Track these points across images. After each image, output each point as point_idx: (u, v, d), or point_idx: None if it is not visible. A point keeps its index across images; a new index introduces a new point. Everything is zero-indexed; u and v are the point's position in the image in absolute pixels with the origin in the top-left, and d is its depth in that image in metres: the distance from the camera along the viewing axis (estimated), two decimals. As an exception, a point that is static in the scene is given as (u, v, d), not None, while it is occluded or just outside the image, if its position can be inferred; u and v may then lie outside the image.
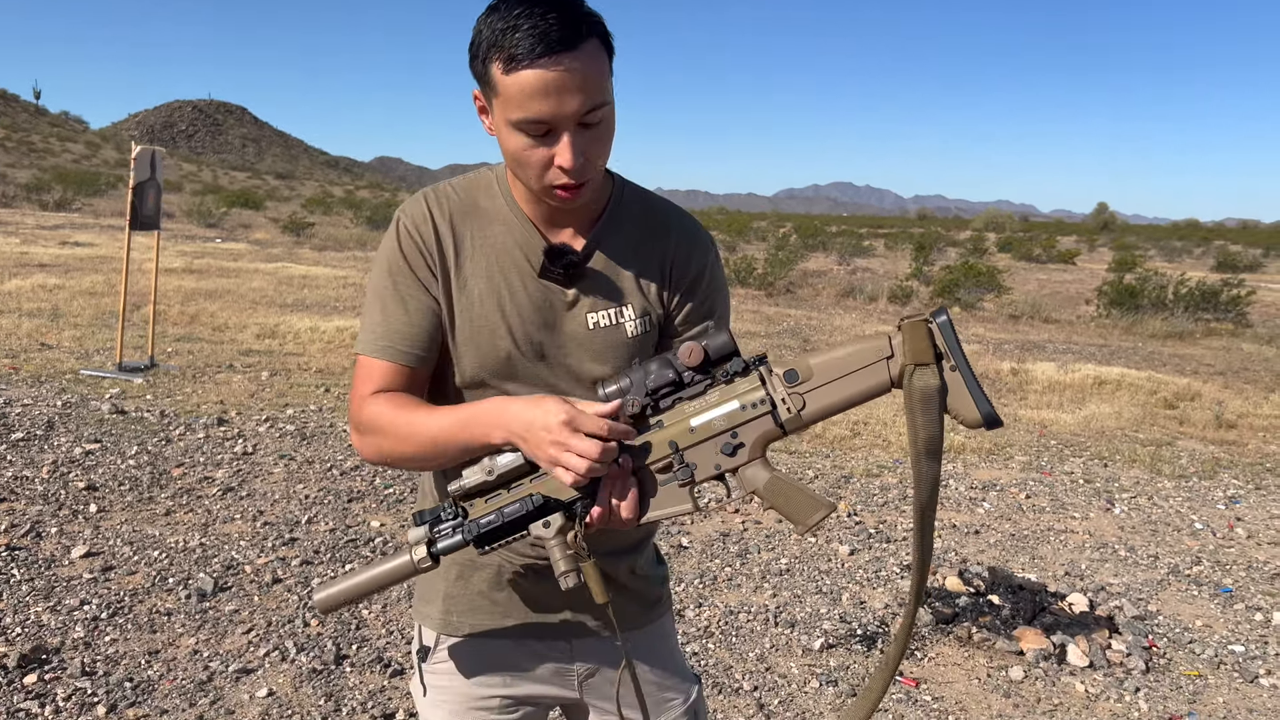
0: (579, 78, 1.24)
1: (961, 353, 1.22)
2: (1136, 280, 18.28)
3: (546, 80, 1.22)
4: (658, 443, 1.32)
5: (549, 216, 1.43)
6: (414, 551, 1.36)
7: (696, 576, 4.60)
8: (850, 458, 6.95)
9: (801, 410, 1.29)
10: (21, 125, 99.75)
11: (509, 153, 1.33)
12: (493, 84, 1.27)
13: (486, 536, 1.33)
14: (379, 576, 1.38)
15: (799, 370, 1.29)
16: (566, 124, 1.26)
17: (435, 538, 1.35)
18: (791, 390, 1.29)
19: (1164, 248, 52.23)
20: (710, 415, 1.31)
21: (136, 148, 8.11)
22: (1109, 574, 5.00)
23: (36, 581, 4.04)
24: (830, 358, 1.28)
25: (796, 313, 15.93)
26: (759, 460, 1.31)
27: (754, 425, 1.30)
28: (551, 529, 1.31)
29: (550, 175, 1.31)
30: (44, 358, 8.25)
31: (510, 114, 1.27)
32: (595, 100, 1.26)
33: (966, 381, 1.22)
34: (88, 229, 23.44)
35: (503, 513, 1.32)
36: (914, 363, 1.21)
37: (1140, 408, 9.35)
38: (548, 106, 1.24)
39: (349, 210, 41.11)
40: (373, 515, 5.12)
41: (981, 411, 1.21)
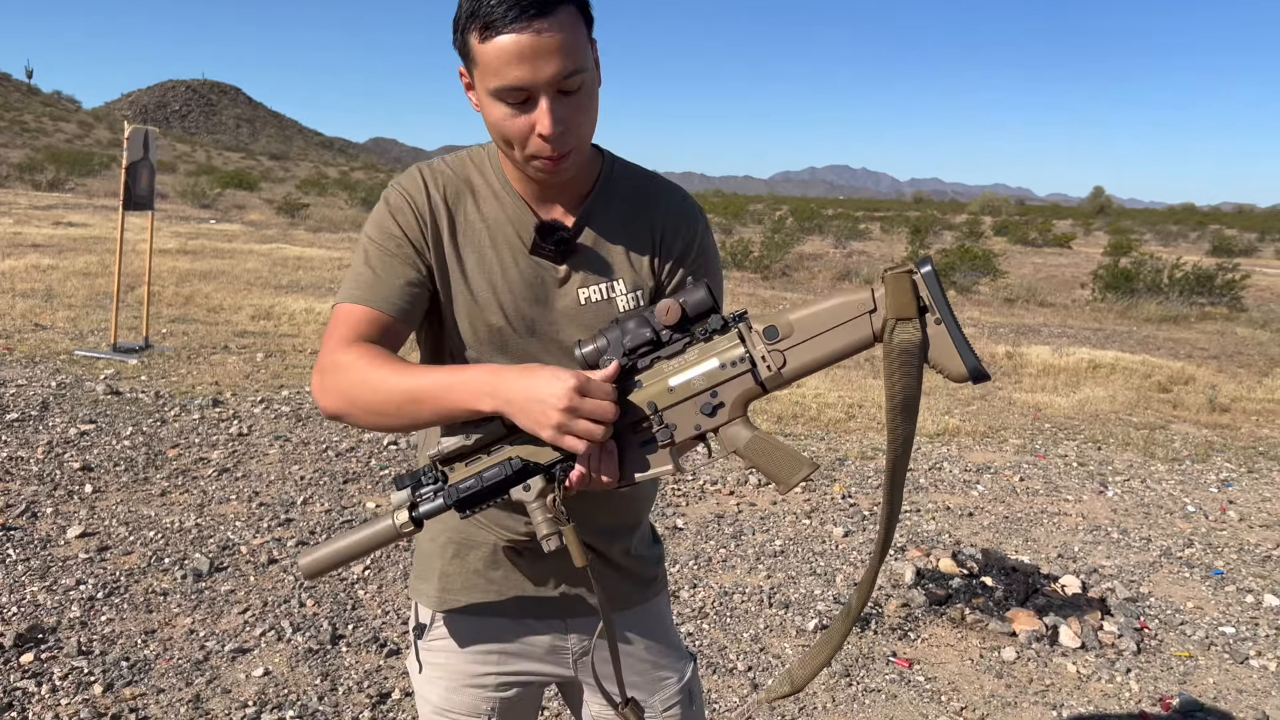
0: (555, 42, 1.23)
1: (947, 304, 1.18)
2: (1132, 264, 18.30)
3: (522, 45, 1.22)
4: (636, 403, 1.29)
5: (540, 193, 1.44)
6: (396, 516, 1.34)
7: (691, 558, 4.61)
8: (845, 440, 6.96)
9: (782, 368, 1.25)
10: (13, 105, 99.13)
11: (491, 124, 1.33)
12: (472, 54, 1.28)
13: (466, 501, 1.31)
14: (363, 541, 1.37)
15: (779, 327, 1.25)
16: (544, 90, 1.26)
17: (417, 501, 1.34)
18: (771, 347, 1.25)
19: (1160, 232, 52.29)
20: (689, 374, 1.28)
21: (129, 127, 8.07)
22: (1101, 556, 5.02)
23: (32, 561, 4.04)
24: (811, 313, 1.25)
25: (792, 296, 15.93)
26: (740, 419, 1.28)
27: (734, 384, 1.27)
28: (532, 492, 1.29)
29: (531, 145, 1.30)
30: (38, 338, 8.23)
31: (489, 83, 1.27)
32: (573, 66, 1.26)
33: (952, 334, 1.18)
34: (81, 209, 23.34)
35: (481, 477, 1.30)
36: (896, 317, 1.17)
37: (1134, 391, 9.38)
38: (524, 72, 1.24)
39: (344, 191, 40.99)
40: (368, 496, 5.12)
41: (967, 365, 1.18)
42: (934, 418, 7.67)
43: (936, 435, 7.26)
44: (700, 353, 1.28)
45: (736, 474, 5.92)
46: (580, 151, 1.35)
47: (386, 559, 4.35)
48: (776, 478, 1.29)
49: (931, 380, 4.86)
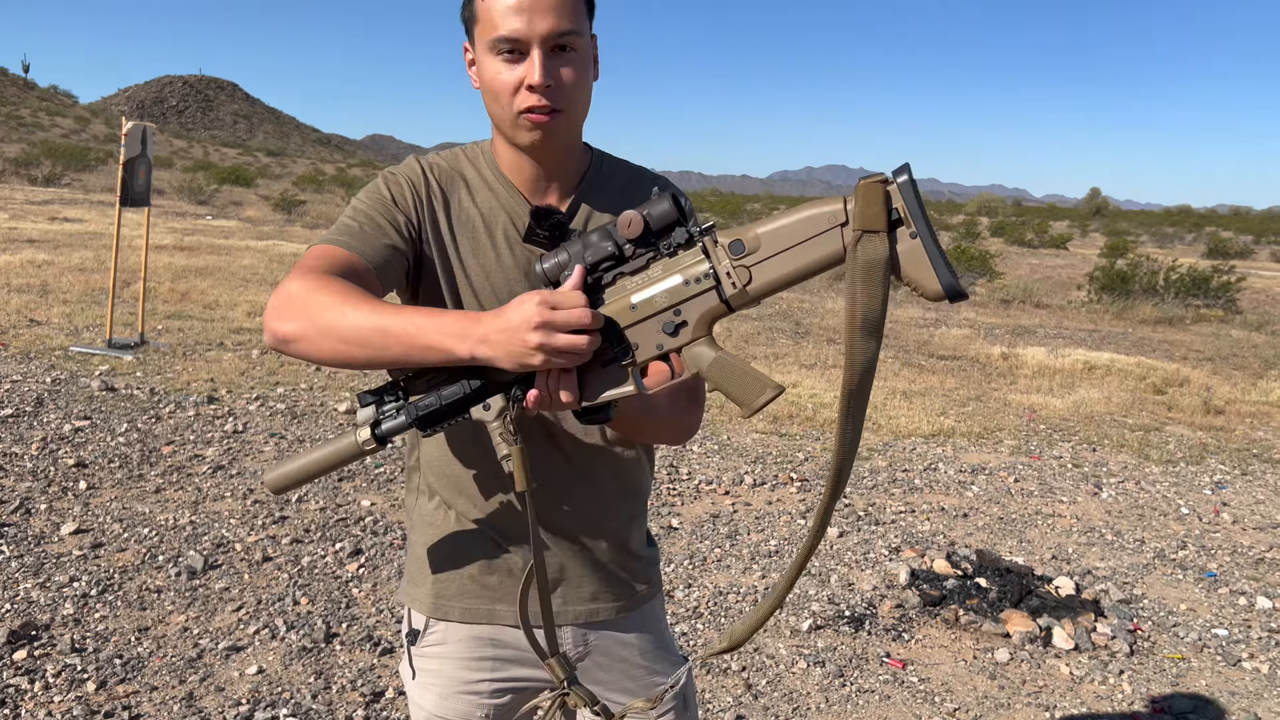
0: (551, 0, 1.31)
1: (924, 217, 1.10)
2: (1128, 266, 18.31)
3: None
4: None
5: (532, 182, 1.46)
6: (359, 433, 1.31)
7: (686, 557, 4.62)
8: (840, 440, 6.97)
9: (748, 284, 1.18)
10: (9, 99, 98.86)
11: (486, 82, 1.37)
12: (475, 13, 1.36)
13: (427, 419, 1.29)
14: (326, 457, 1.34)
15: (745, 241, 1.17)
16: (538, 44, 1.32)
17: (381, 419, 1.31)
18: (738, 262, 1.18)
19: (1156, 234, 52.38)
20: (651, 291, 1.22)
21: (128, 124, 8.06)
22: (1095, 558, 5.03)
23: (26, 558, 4.04)
24: (779, 226, 1.16)
25: (789, 295, 15.93)
26: (704, 339, 1.22)
27: (697, 301, 1.20)
28: (491, 411, 1.27)
29: (520, 98, 1.34)
30: (33, 334, 8.22)
31: (487, 36, 1.33)
32: (567, 25, 1.32)
33: (928, 249, 1.09)
34: (77, 204, 23.29)
35: (440, 395, 1.28)
36: (863, 229, 1.09)
37: (1129, 393, 9.40)
38: (520, 23, 1.30)
39: (341, 188, 40.96)
40: (363, 494, 5.12)
41: (943, 282, 1.09)
42: (929, 418, 7.68)
43: (931, 436, 7.27)
44: (664, 268, 1.22)
45: (731, 474, 5.92)
46: (569, 118, 1.38)
47: (380, 557, 4.35)
48: (740, 400, 1.23)
49: (927, 381, 4.90)
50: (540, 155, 1.43)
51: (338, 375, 7.70)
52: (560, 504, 1.51)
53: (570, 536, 1.53)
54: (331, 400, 6.92)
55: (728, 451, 6.45)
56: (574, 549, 1.53)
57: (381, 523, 4.74)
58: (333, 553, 4.36)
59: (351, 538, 4.53)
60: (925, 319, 14.00)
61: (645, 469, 1.62)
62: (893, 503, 5.68)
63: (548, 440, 1.49)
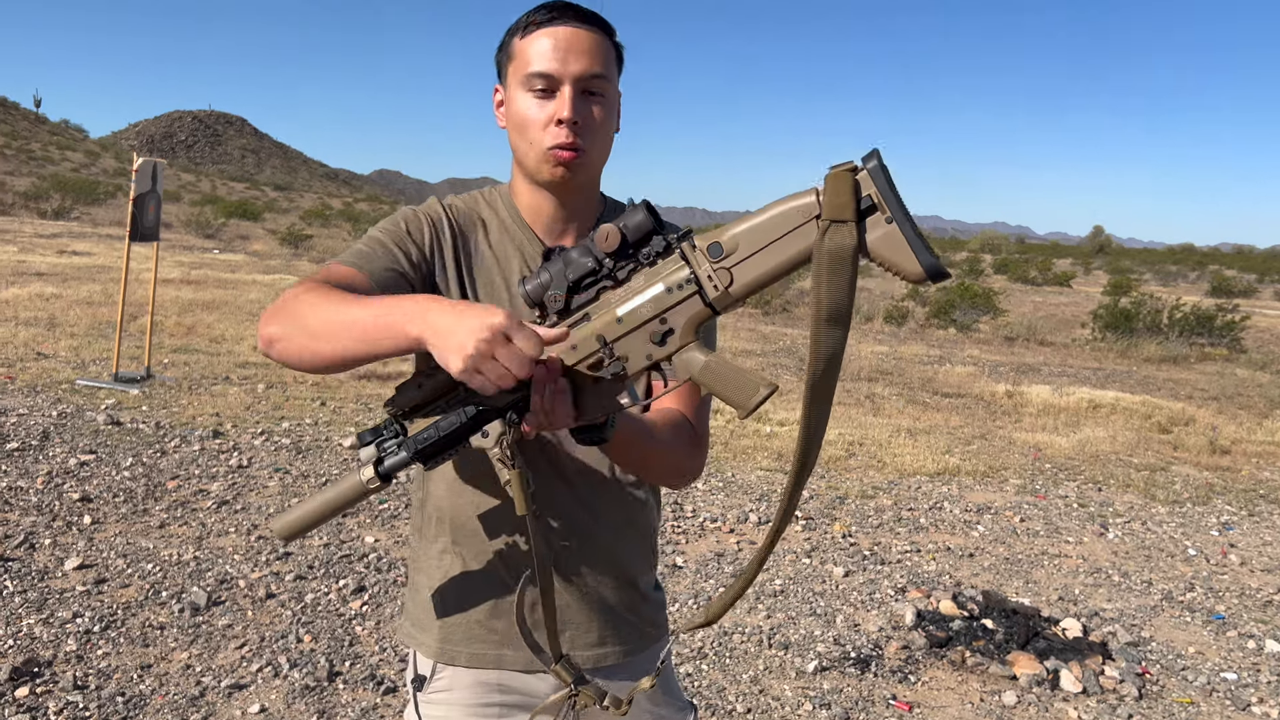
0: (586, 43, 1.39)
1: (898, 200, 1.08)
2: (1131, 304, 18.35)
3: (557, 37, 1.38)
4: (585, 338, 1.23)
5: (550, 223, 1.50)
6: (362, 472, 1.32)
7: (691, 597, 4.60)
8: (845, 479, 6.95)
9: (729, 286, 1.17)
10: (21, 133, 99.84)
11: (515, 117, 1.42)
12: (511, 52, 1.43)
13: (427, 451, 1.29)
14: (332, 500, 1.35)
15: (723, 243, 1.17)
16: (570, 82, 1.38)
17: (383, 456, 1.32)
18: (718, 265, 1.17)
19: (1159, 271, 52.45)
20: (635, 302, 1.21)
21: (139, 160, 8.14)
22: (1103, 599, 5.00)
23: (29, 593, 4.03)
24: (754, 224, 1.16)
25: (793, 332, 15.96)
26: (693, 344, 1.21)
27: (682, 308, 1.20)
28: (490, 438, 1.27)
29: (549, 134, 1.39)
30: (40, 367, 8.24)
31: (522, 72, 1.40)
32: (599, 69, 1.40)
33: (905, 232, 1.08)
34: (86, 238, 23.45)
35: (439, 426, 1.28)
36: (831, 218, 1.08)
37: (1135, 432, 9.38)
38: (555, 62, 1.38)
39: (347, 222, 41.21)
40: (367, 531, 5.11)
41: (923, 263, 1.08)
42: (934, 457, 7.66)
43: (937, 474, 7.25)
44: (646, 278, 1.22)
45: (736, 511, 5.91)
46: (591, 159, 1.43)
47: (384, 594, 4.33)
48: (735, 402, 1.21)
49: (931, 419, 4.87)
50: (561, 193, 1.47)
51: (343, 410, 7.71)
52: (568, 543, 1.51)
53: (577, 577, 1.53)
54: (336, 435, 6.92)
55: (732, 489, 6.43)
56: (581, 591, 1.53)
57: (385, 559, 4.72)
58: (336, 589, 4.34)
59: (355, 574, 4.52)
60: (929, 356, 14.01)
61: (653, 509, 1.62)
62: (898, 542, 5.65)
63: (557, 478, 1.49)
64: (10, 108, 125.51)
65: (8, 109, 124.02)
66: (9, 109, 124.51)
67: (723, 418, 8.38)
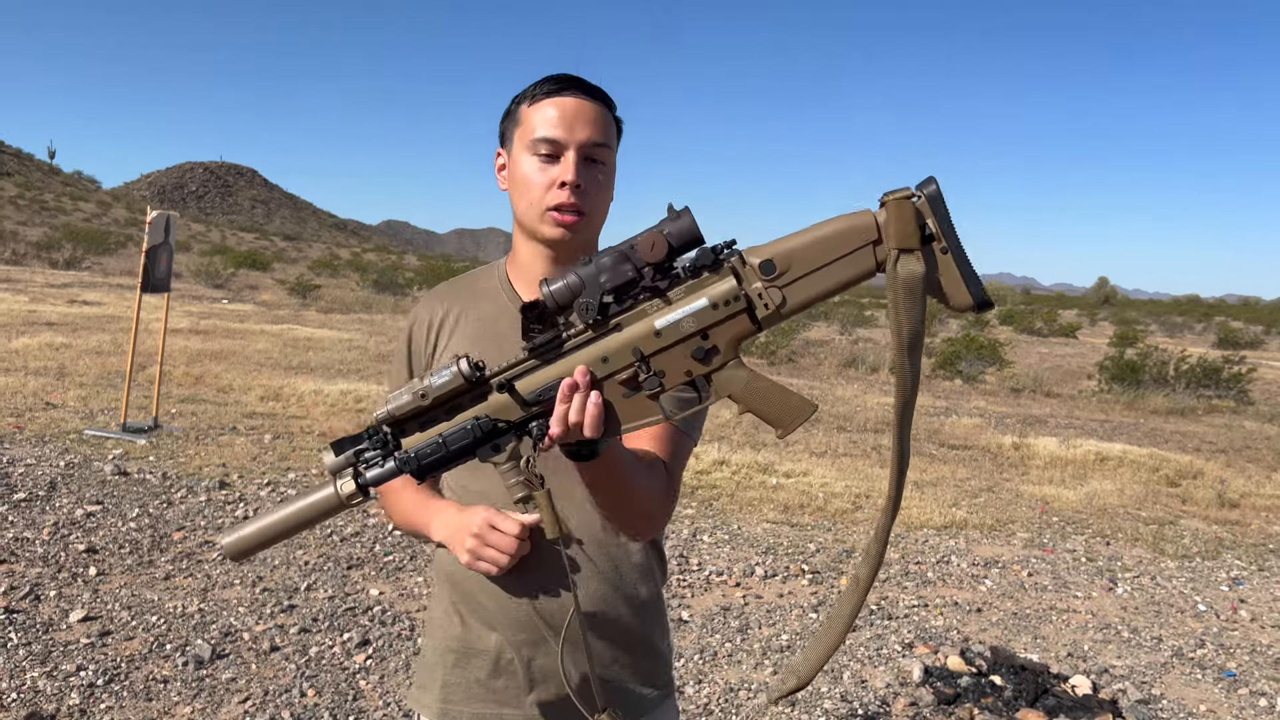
0: (590, 113, 1.48)
1: (953, 231, 1.10)
2: (1138, 355, 18.34)
3: (564, 106, 1.47)
4: (618, 349, 1.18)
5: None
6: (341, 485, 1.21)
7: (696, 652, 4.57)
8: (852, 531, 6.93)
9: (781, 306, 1.15)
10: (35, 184, 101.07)
11: (519, 179, 1.49)
12: (517, 119, 1.52)
13: (428, 467, 1.20)
14: (298, 513, 1.23)
15: (776, 261, 1.14)
16: (574, 148, 1.46)
17: (363, 467, 1.21)
18: (769, 283, 1.14)
19: (1165, 323, 52.46)
20: (676, 315, 1.16)
21: (153, 212, 8.24)
22: (1112, 655, 4.96)
23: (34, 645, 4.02)
24: (810, 242, 1.14)
25: (798, 382, 15.97)
26: (734, 362, 1.18)
27: (728, 325, 1.16)
28: (503, 454, 1.20)
29: (552, 195, 1.46)
30: (48, 417, 8.28)
31: (528, 137, 1.48)
32: (601, 139, 1.49)
33: (959, 263, 1.10)
34: (96, 288, 23.64)
35: (445, 441, 1.19)
36: (899, 248, 1.09)
37: (1142, 485, 9.34)
38: (561, 128, 1.46)
39: (355, 272, 41.46)
40: (372, 583, 5.10)
41: (973, 294, 1.10)
42: (941, 509, 7.63)
43: (944, 528, 7.22)
44: (688, 290, 1.17)
45: (742, 565, 5.88)
46: (590, 223, 1.49)
47: (388, 648, 4.31)
48: (776, 420, 1.19)
49: (938, 471, 4.87)
50: (560, 251, 1.52)
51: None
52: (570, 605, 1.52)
53: (581, 638, 1.54)
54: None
55: (738, 542, 6.41)
56: (584, 652, 1.54)
57: (390, 612, 4.71)
58: (340, 643, 4.32)
59: (360, 628, 4.50)
60: (935, 408, 14.00)
61: (655, 572, 1.63)
62: (905, 596, 5.62)
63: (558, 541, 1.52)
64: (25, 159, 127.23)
65: (22, 160, 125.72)
66: (24, 160, 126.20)
67: (729, 469, 8.37)
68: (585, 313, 1.17)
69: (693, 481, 7.89)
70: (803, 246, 1.14)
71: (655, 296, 1.17)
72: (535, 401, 1.18)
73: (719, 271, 1.16)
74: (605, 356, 1.18)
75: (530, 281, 1.55)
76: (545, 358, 1.21)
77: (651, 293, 1.17)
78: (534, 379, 1.20)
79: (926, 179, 1.10)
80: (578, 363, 1.18)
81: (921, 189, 1.10)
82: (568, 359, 1.20)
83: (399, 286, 31.35)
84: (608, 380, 1.18)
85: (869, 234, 1.11)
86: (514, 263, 1.59)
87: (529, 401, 1.19)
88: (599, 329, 1.19)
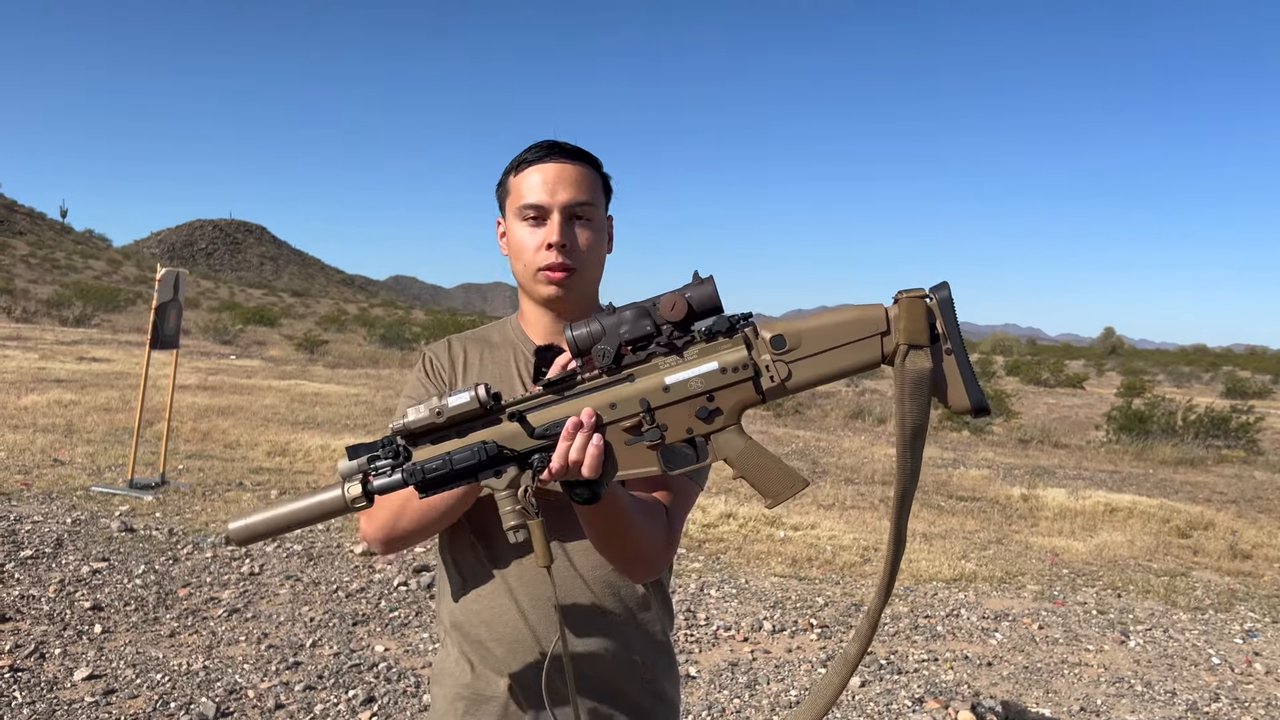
0: (572, 175, 1.55)
1: (959, 335, 1.16)
2: (1146, 406, 18.29)
3: (546, 172, 1.55)
4: (627, 398, 1.23)
5: (551, 336, 1.62)
6: (347, 488, 1.25)
7: (704, 708, 4.52)
8: (861, 585, 6.88)
9: (786, 380, 1.21)
10: (46, 242, 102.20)
11: (513, 244, 1.57)
12: (508, 188, 1.60)
13: (431, 483, 1.23)
14: (306, 509, 1.27)
15: (787, 336, 1.21)
16: (558, 210, 1.53)
17: (371, 474, 1.25)
18: (777, 357, 1.20)
19: (1172, 372, 52.32)
20: (687, 374, 1.22)
21: (162, 270, 8.33)
22: (1125, 710, 4.89)
23: (38, 704, 4.00)
24: (821, 325, 1.20)
25: (805, 434, 15.94)
26: (734, 426, 1.23)
27: (733, 390, 1.22)
28: (503, 480, 1.22)
29: (540, 256, 1.53)
30: (56, 474, 8.30)
31: (516, 204, 1.56)
32: (584, 198, 1.55)
33: (961, 366, 1.15)
34: (105, 344, 23.79)
35: (451, 459, 1.22)
36: (908, 343, 1.15)
37: (1153, 536, 9.26)
38: (544, 193, 1.54)
39: (363, 327, 41.69)
40: (377, 639, 5.07)
41: (972, 400, 1.15)
42: (950, 562, 7.58)
43: (953, 580, 7.16)
44: (701, 353, 1.23)
45: (750, 619, 5.84)
46: (583, 277, 1.55)
47: (394, 705, 4.28)
48: (767, 490, 1.24)
49: (946, 523, 4.88)
50: (558, 308, 1.58)
51: (354, 518, 7.70)
52: (574, 652, 1.53)
53: (588, 691, 1.54)
54: (348, 542, 6.92)
55: (746, 595, 6.37)
56: (588, 705, 1.55)
57: (395, 669, 4.68)
58: (345, 700, 4.29)
59: (365, 684, 4.47)
60: (943, 459, 13.95)
61: (663, 617, 1.65)
62: (915, 650, 5.56)
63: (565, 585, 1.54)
64: (37, 218, 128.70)
65: (35, 219, 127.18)
66: (36, 219, 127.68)
67: (736, 522, 8.33)
68: (602, 359, 1.23)
69: (699, 535, 7.85)
70: (814, 328, 1.20)
71: (671, 353, 1.23)
72: (542, 435, 1.23)
73: (732, 338, 1.23)
74: (614, 403, 1.23)
75: (539, 337, 1.63)
76: (558, 395, 1.27)
77: (667, 349, 1.23)
78: (544, 413, 1.26)
79: (940, 283, 1.18)
80: (586, 404, 1.24)
81: (935, 291, 1.16)
82: (578, 400, 1.25)
83: (406, 341, 31.48)
84: (612, 425, 1.23)
85: (879, 325, 1.18)
86: (523, 319, 1.66)
87: (537, 434, 1.23)
88: (612, 375, 1.24)
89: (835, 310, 1.21)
